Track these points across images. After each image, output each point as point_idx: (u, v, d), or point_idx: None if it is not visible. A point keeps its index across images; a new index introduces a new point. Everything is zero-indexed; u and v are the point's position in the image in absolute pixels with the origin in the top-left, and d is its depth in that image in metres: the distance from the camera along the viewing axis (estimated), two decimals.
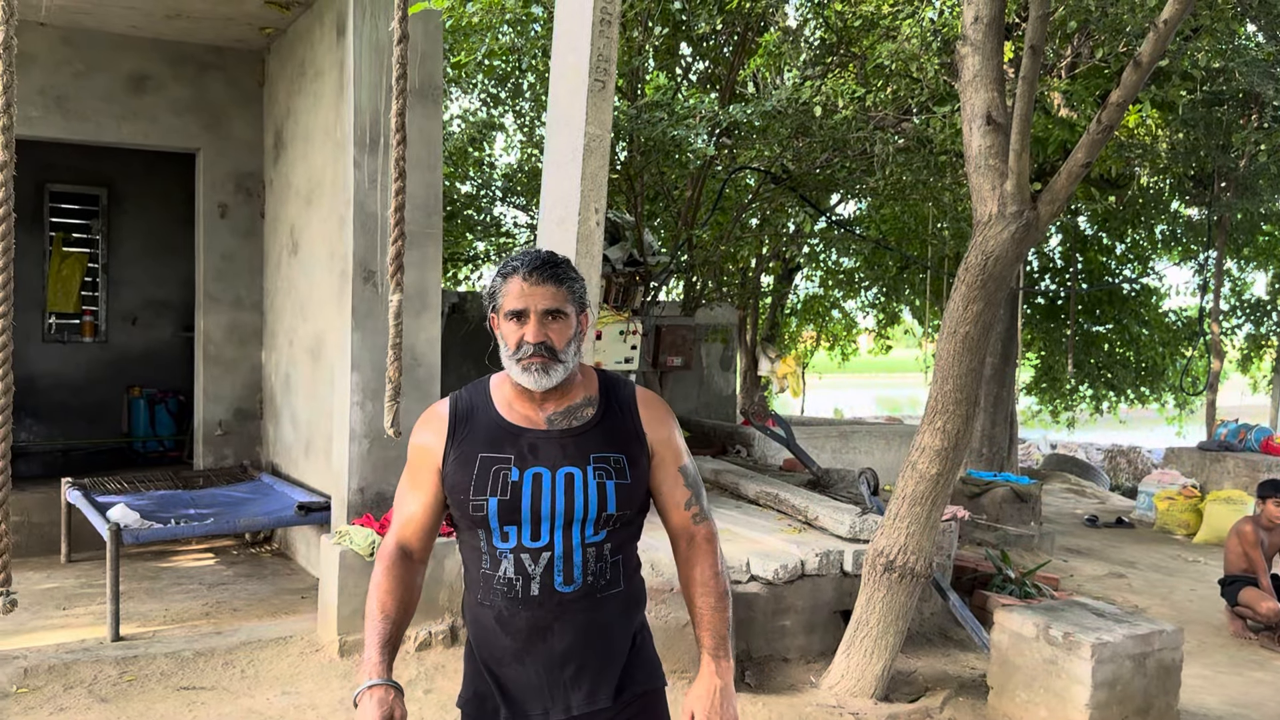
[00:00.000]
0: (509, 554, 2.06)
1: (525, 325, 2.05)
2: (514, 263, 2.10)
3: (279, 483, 6.90)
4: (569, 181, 4.47)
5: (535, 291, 2.05)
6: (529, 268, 2.07)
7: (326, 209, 6.34)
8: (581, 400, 2.15)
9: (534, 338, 2.04)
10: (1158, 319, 13.44)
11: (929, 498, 4.60)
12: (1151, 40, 4.11)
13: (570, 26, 4.29)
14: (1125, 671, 4.41)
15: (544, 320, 2.05)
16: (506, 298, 2.08)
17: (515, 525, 2.05)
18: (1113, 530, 9.82)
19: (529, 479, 2.05)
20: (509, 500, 2.04)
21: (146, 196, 9.19)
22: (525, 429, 2.11)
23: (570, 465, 2.07)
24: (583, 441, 2.10)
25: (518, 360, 2.06)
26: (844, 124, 7.42)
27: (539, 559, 2.05)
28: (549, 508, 2.04)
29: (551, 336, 2.05)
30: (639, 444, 2.16)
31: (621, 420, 2.16)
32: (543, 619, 2.06)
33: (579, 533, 2.06)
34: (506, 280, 2.09)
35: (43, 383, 8.70)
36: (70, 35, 7.10)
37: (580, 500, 2.05)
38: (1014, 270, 4.57)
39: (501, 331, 2.10)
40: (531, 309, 2.05)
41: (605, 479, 2.08)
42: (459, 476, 2.08)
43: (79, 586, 6.19)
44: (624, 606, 2.14)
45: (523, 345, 2.05)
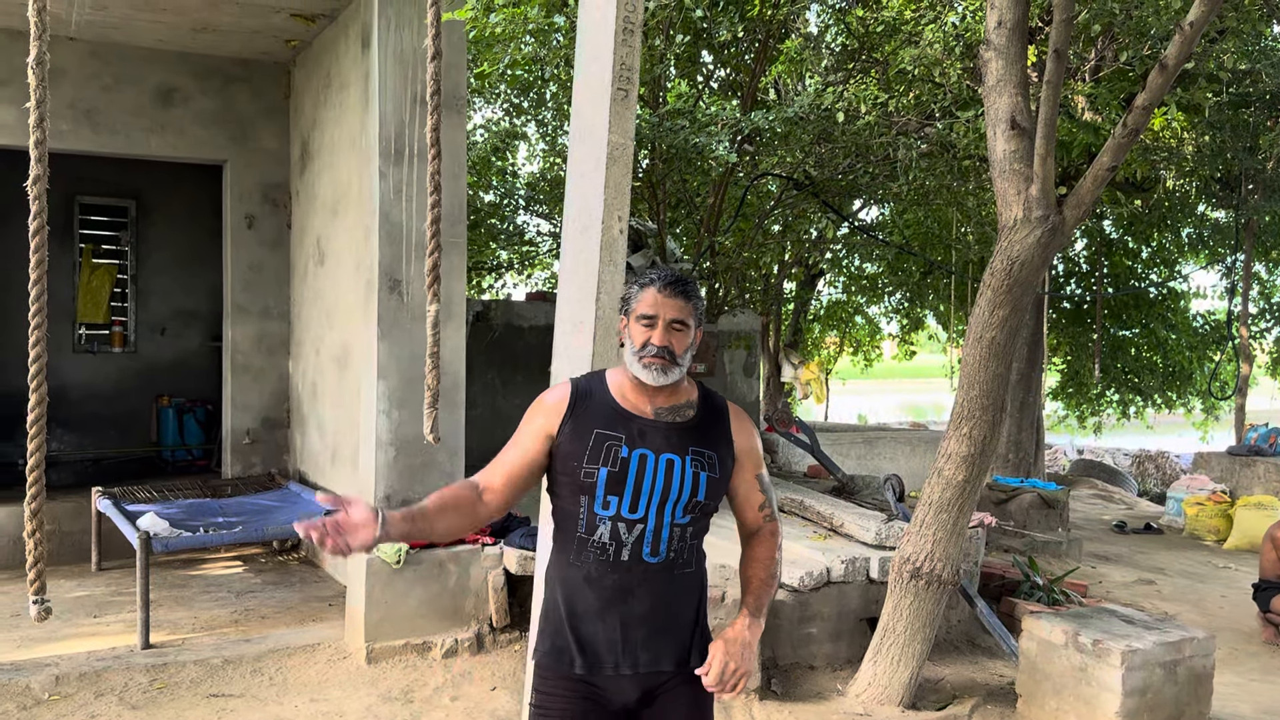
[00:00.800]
0: (607, 521, 2.32)
1: (653, 330, 2.35)
2: (652, 274, 2.41)
3: (306, 490, 6.94)
4: (592, 190, 4.48)
5: (667, 303, 2.36)
6: (664, 282, 2.38)
7: (352, 219, 6.39)
8: (684, 402, 2.45)
9: (660, 341, 2.35)
10: (1185, 323, 13.32)
11: (956, 504, 4.58)
12: (1177, 43, 4.08)
13: (593, 35, 4.31)
14: (1156, 679, 4.37)
15: (670, 329, 2.35)
16: (641, 303, 2.38)
17: (618, 496, 2.31)
18: (1141, 536, 9.72)
19: (636, 457, 2.33)
20: (617, 472, 2.31)
21: (174, 208, 9.29)
22: (636, 415, 2.39)
23: (672, 453, 2.35)
24: (684, 434, 2.39)
25: (640, 358, 2.35)
26: (866, 129, 7.41)
27: (633, 529, 2.33)
28: (650, 485, 2.32)
29: (674, 343, 2.36)
30: (728, 447, 2.45)
31: (716, 424, 2.46)
32: (628, 582, 2.33)
33: (670, 512, 2.34)
34: (643, 289, 2.40)
35: (73, 393, 8.80)
36: (99, 49, 7.20)
37: (677, 484, 2.33)
38: (1040, 275, 4.55)
39: (630, 332, 2.39)
40: (661, 316, 2.35)
41: (700, 470, 2.36)
42: (574, 445, 2.35)
43: (109, 594, 6.26)
44: (694, 585, 2.43)
45: (648, 345, 2.35)
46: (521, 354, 9.35)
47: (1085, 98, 7.85)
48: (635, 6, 4.27)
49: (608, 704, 2.38)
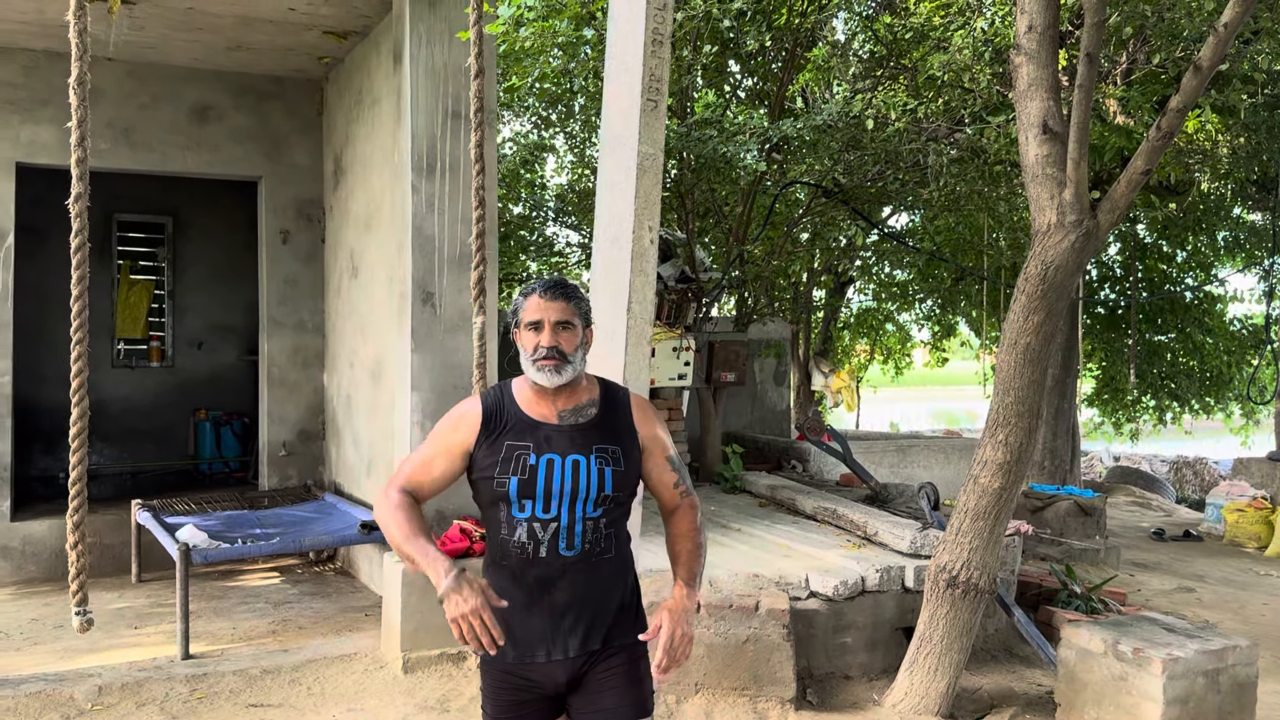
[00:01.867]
0: (524, 523, 2.49)
1: (540, 333, 2.50)
2: (533, 284, 2.58)
3: (342, 502, 7.00)
4: (623, 200, 4.50)
5: (550, 306, 2.52)
6: (544, 287, 2.55)
7: (385, 233, 6.45)
8: (586, 401, 2.60)
9: (548, 342, 2.49)
10: (1222, 327, 13.13)
11: (992, 512, 4.54)
12: (1211, 44, 4.05)
13: (623, 47, 4.34)
14: (1198, 688, 4.31)
15: (556, 330, 2.50)
16: (526, 311, 2.54)
17: (530, 499, 2.49)
18: (1180, 543, 9.60)
19: (544, 463, 2.50)
20: (527, 479, 2.49)
21: (210, 224, 9.43)
22: (542, 423, 2.55)
23: (577, 453, 2.52)
24: (587, 434, 2.55)
25: (534, 361, 2.51)
26: (896, 136, 7.39)
27: (547, 528, 2.49)
28: (559, 487, 2.49)
29: (561, 342, 2.50)
30: (631, 438, 2.61)
31: (617, 419, 2.61)
32: (548, 575, 2.51)
33: (581, 509, 2.50)
34: (526, 298, 2.56)
35: (112, 407, 8.93)
36: (136, 69, 7.32)
37: (584, 482, 2.50)
38: (1074, 280, 4.51)
39: (521, 340, 2.55)
40: (546, 320, 2.51)
41: (604, 466, 2.52)
42: (488, 459, 2.52)
43: (149, 606, 6.34)
44: (615, 569, 2.59)
45: (538, 349, 2.50)
46: None
47: (1117, 101, 7.78)
48: (664, 18, 4.30)
49: (542, 689, 2.56)
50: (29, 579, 6.93)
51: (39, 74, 7.04)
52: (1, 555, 6.90)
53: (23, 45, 6.94)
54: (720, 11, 6.38)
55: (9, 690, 4.72)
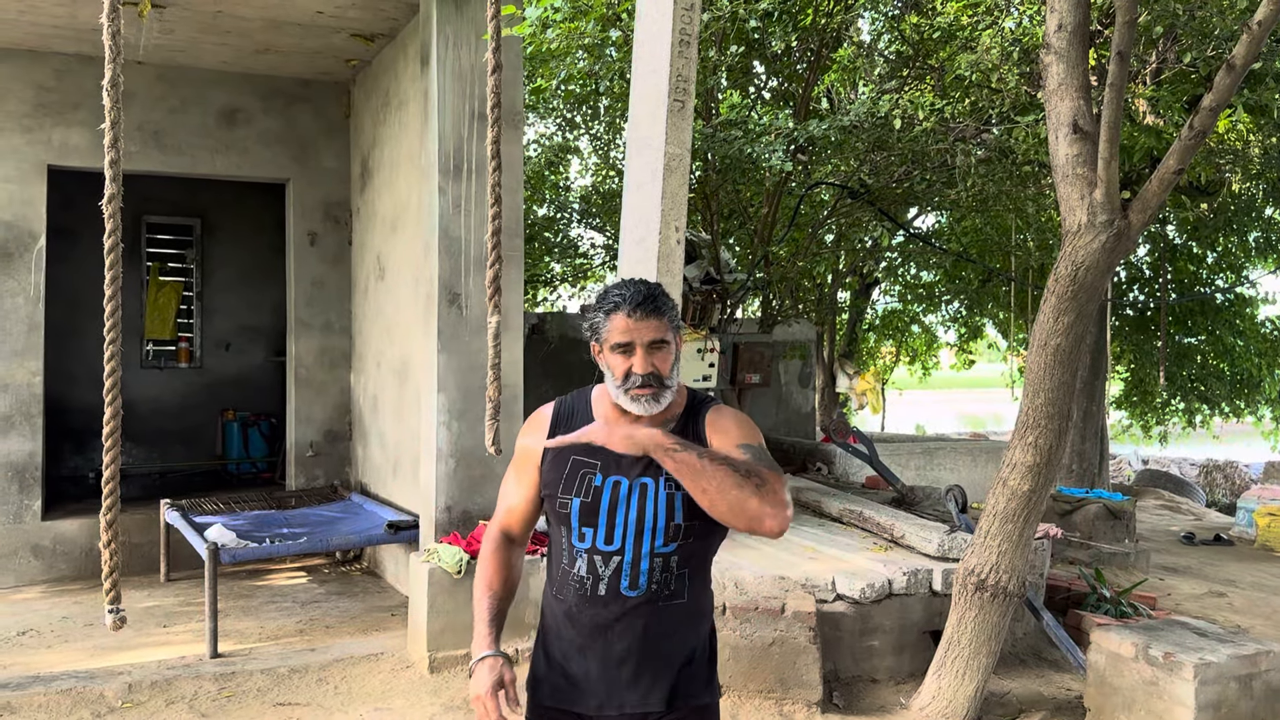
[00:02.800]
0: (584, 554, 2.20)
1: (632, 357, 2.17)
2: (616, 298, 2.19)
3: (368, 502, 7.04)
4: (649, 201, 4.50)
5: (640, 326, 2.16)
6: (632, 304, 2.17)
7: (411, 234, 6.48)
8: (669, 419, 2.26)
9: (643, 369, 2.16)
10: (1253, 329, 12.97)
11: (1021, 515, 4.51)
12: (1245, 42, 4.00)
13: (650, 48, 4.34)
14: (1231, 693, 4.26)
15: (650, 352, 2.17)
16: (611, 332, 2.18)
17: (593, 527, 2.19)
18: (1211, 548, 9.48)
19: (609, 485, 2.19)
20: (590, 503, 2.19)
21: (238, 226, 9.50)
22: None
23: (646, 475, 2.18)
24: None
25: (626, 390, 2.18)
26: (924, 136, 7.35)
27: (609, 562, 2.18)
28: (624, 514, 2.17)
29: (658, 366, 2.17)
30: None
31: (691, 433, 2.24)
32: (605, 618, 2.19)
33: (649, 542, 2.17)
34: (610, 316, 2.19)
35: (141, 408, 9.02)
36: (166, 72, 7.39)
37: (651, 509, 2.17)
38: (1105, 280, 4.47)
39: (607, 362, 2.21)
40: (638, 343, 2.16)
41: (675, 489, 2.15)
42: (552, 474, 2.25)
43: (178, 605, 6.39)
44: (686, 617, 2.23)
45: (631, 376, 2.17)
46: (576, 366, 9.41)
47: (1146, 101, 7.71)
48: (691, 18, 4.29)
49: None
50: (60, 577, 7.00)
51: (71, 78, 7.12)
52: (33, 554, 6.98)
53: (55, 49, 7.03)
54: (747, 12, 6.37)
55: (40, 687, 4.77)
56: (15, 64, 7.00)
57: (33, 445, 7.02)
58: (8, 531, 6.92)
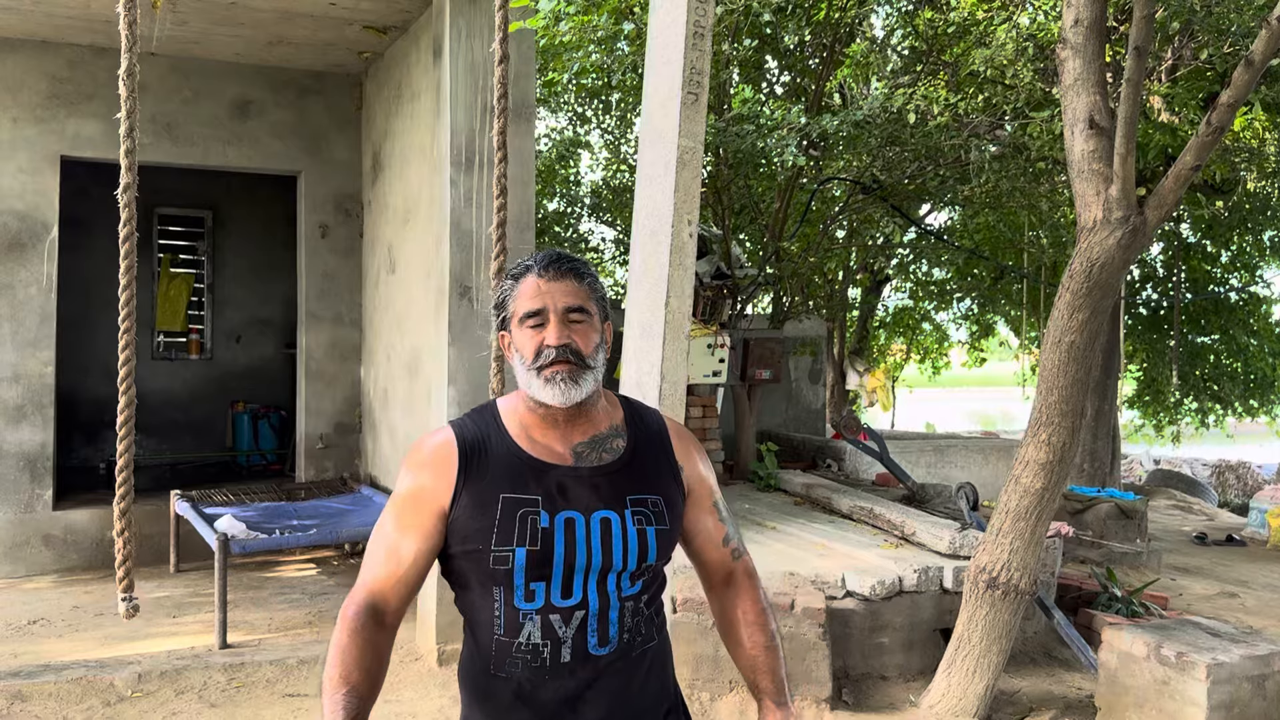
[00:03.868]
0: (534, 615, 1.75)
1: (544, 329, 1.79)
2: (525, 261, 1.85)
3: (378, 495, 7.04)
4: (662, 194, 4.48)
5: (554, 288, 1.79)
6: (544, 263, 1.81)
7: (423, 227, 6.47)
8: (608, 430, 1.87)
9: (556, 339, 1.77)
10: (1267, 329, 12.89)
11: (1033, 513, 4.48)
12: (1264, 38, 3.96)
13: (664, 40, 4.32)
14: (1243, 694, 4.23)
15: (566, 320, 1.79)
16: (520, 299, 1.81)
17: (544, 581, 1.74)
18: (1223, 548, 9.43)
19: (560, 524, 1.75)
20: (539, 551, 1.73)
21: (249, 218, 9.52)
22: (551, 464, 1.80)
23: (605, 509, 1.79)
24: (617, 481, 1.82)
25: (539, 369, 1.77)
26: (937, 132, 7.32)
27: (571, 619, 1.75)
28: (584, 559, 1.75)
29: (576, 339, 1.78)
30: (675, 483, 1.89)
31: (655, 455, 1.89)
32: (573, 689, 1.76)
33: (615, 586, 1.78)
34: (519, 281, 1.82)
35: (152, 399, 9.04)
36: (179, 64, 7.40)
37: (619, 549, 1.77)
38: (1120, 277, 4.44)
39: (515, 343, 1.82)
40: (551, 307, 1.78)
41: (645, 525, 1.80)
42: (476, 522, 1.75)
43: (188, 595, 6.40)
44: (659, 662, 1.89)
45: (543, 351, 1.77)
46: None
47: (1161, 98, 7.66)
48: (706, 11, 4.27)
49: None
50: (70, 567, 7.02)
51: (84, 68, 7.13)
52: (44, 543, 7.00)
53: (69, 40, 7.03)
54: (760, 5, 6.34)
55: (51, 676, 4.79)
56: (29, 54, 7.02)
57: (44, 435, 7.03)
58: (19, 521, 6.95)
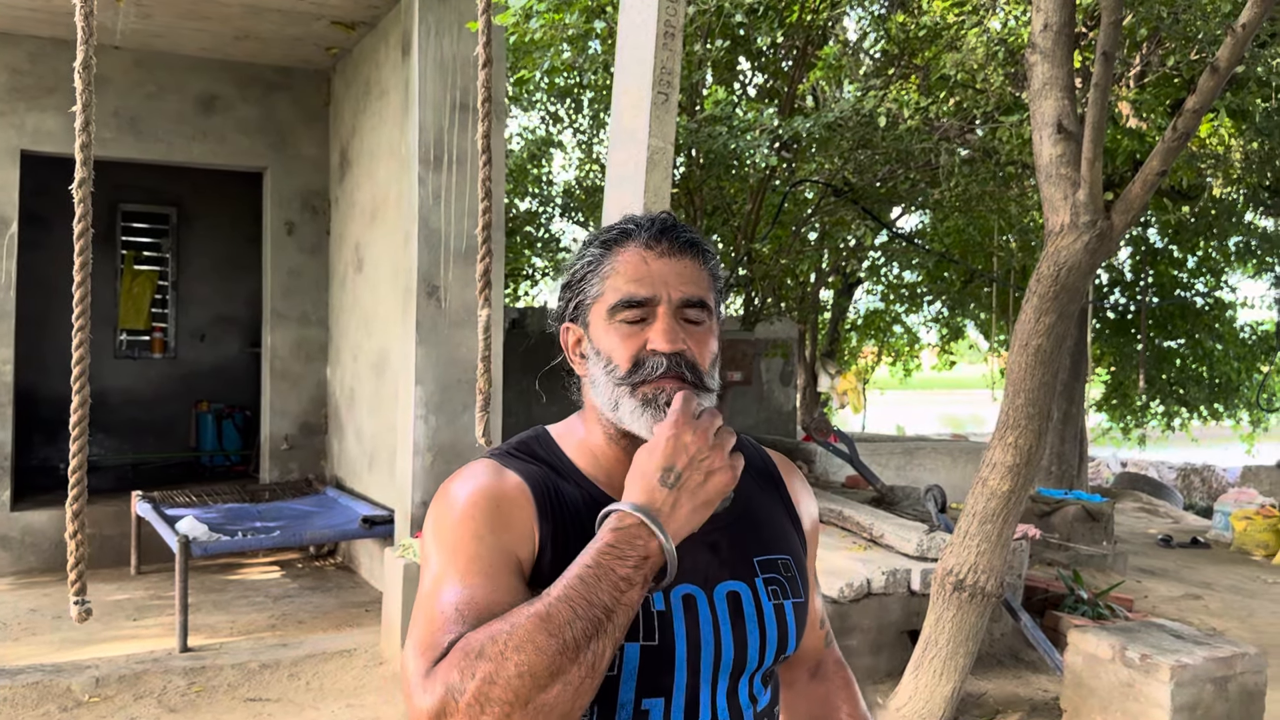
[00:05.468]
0: None
1: (649, 326, 1.22)
2: (626, 223, 1.28)
3: (343, 496, 6.97)
4: (632, 195, 4.45)
5: (668, 268, 1.22)
6: (654, 231, 1.25)
7: (391, 226, 6.41)
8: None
9: (669, 344, 1.20)
10: (1232, 334, 13.05)
11: (1000, 515, 4.49)
12: (1229, 45, 3.99)
13: (634, 39, 4.28)
14: (1206, 695, 4.25)
15: (680, 316, 1.22)
16: (613, 278, 1.23)
17: (664, 696, 1.18)
18: (1188, 550, 9.52)
19: (679, 605, 1.20)
20: (657, 647, 1.17)
21: (215, 215, 9.39)
22: None
23: (732, 579, 1.25)
24: (738, 538, 1.29)
25: (634, 385, 1.20)
26: (908, 135, 7.34)
27: None
28: (712, 657, 1.20)
29: (693, 346, 1.22)
30: (798, 535, 1.38)
31: (771, 501, 1.37)
32: None
33: (747, 695, 1.25)
34: (611, 252, 1.25)
35: (114, 398, 8.90)
36: (143, 58, 7.28)
37: (755, 638, 1.24)
38: (1087, 281, 4.46)
39: (596, 342, 1.25)
40: (663, 297, 1.21)
41: (781, 598, 1.28)
42: None
43: (148, 598, 6.30)
44: None
45: (647, 359, 1.20)
46: None
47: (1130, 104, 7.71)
48: (676, 10, 4.24)
49: None
50: (28, 569, 6.89)
51: (45, 61, 7.00)
52: (1, 545, 6.86)
53: (29, 32, 6.91)
54: (732, 6, 6.33)
55: (6, 680, 4.68)
56: None
57: (2, 435, 6.90)
58: None
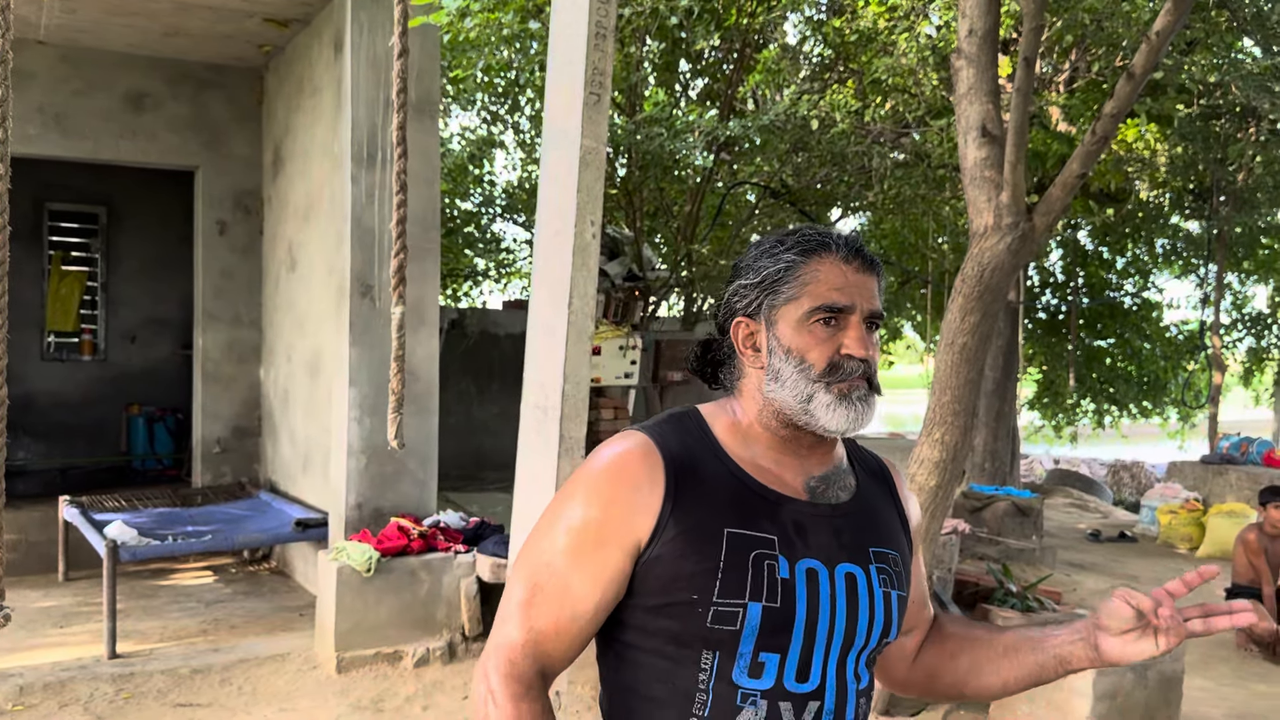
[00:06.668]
0: (759, 700, 1.29)
1: (843, 333, 1.36)
2: (822, 236, 1.39)
3: (277, 499, 6.88)
4: (565, 194, 4.46)
5: (862, 283, 1.37)
6: (851, 248, 1.38)
7: (324, 225, 6.35)
8: (842, 464, 1.46)
9: (864, 350, 1.35)
10: (1159, 333, 13.42)
11: (928, 510, 4.57)
12: (1144, 52, 4.11)
13: (565, 40, 4.30)
14: (1126, 683, 4.37)
15: (870, 328, 1.39)
16: (816, 285, 1.36)
17: (779, 653, 1.30)
18: (1115, 544, 9.77)
19: (802, 576, 1.32)
20: (779, 609, 1.29)
21: (145, 215, 9.21)
22: (786, 497, 1.37)
23: (850, 562, 1.37)
24: (858, 527, 1.41)
25: (829, 384, 1.34)
26: (842, 138, 7.44)
27: (803, 713, 1.31)
28: (827, 627, 1.32)
29: (874, 356, 1.39)
30: (906, 537, 1.51)
31: (884, 500, 1.50)
32: None
33: (853, 671, 1.36)
34: (810, 259, 1.37)
35: (41, 401, 8.69)
36: (69, 53, 7.13)
37: (865, 618, 1.35)
38: (1010, 281, 4.56)
39: (790, 343, 1.37)
40: (859, 307, 1.36)
41: (890, 587, 1.40)
42: (691, 564, 1.29)
43: (76, 605, 6.17)
44: None
45: (844, 362, 1.35)
46: (497, 362, 9.33)
47: (1059, 108, 7.91)
48: (608, 10, 4.26)
49: None
50: None
51: None
52: None
53: None
54: (667, 9, 6.38)
55: None
56: None
57: None
58: None
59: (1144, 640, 1.40)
